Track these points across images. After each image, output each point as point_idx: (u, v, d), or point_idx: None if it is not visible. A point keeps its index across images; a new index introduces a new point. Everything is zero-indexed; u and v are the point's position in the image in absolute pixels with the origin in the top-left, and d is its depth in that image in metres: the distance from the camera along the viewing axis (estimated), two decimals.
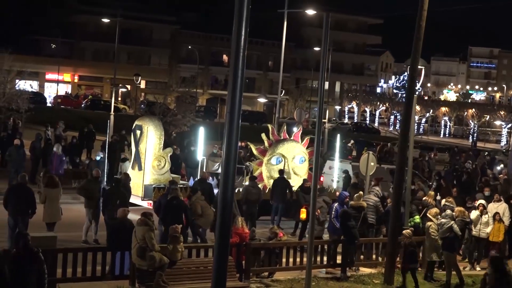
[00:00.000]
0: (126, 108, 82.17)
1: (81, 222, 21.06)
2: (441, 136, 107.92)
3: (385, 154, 44.38)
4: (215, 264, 7.26)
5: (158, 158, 25.27)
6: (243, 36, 7.44)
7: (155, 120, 27.09)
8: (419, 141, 69.36)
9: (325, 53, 15.47)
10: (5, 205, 19.43)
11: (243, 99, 7.59)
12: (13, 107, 37.64)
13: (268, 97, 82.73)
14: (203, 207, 20.26)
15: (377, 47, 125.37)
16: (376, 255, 21.04)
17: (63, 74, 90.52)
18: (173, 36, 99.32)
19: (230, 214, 7.33)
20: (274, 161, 26.86)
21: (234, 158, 7.34)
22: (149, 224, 15.42)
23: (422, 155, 46.26)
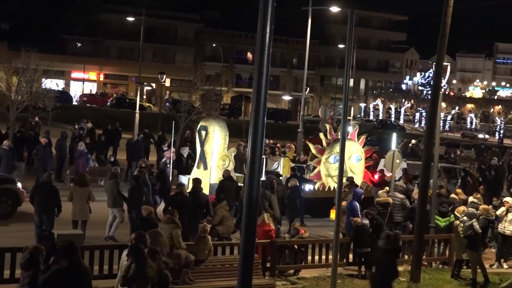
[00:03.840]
0: (151, 106, 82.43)
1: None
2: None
3: (410, 151, 44.21)
4: (240, 261, 7.27)
5: (222, 158, 25.87)
6: (268, 34, 7.43)
7: (220, 121, 27.94)
8: (444, 138, 69.00)
9: (350, 50, 15.41)
10: (31, 203, 19.59)
11: (268, 96, 7.58)
12: (40, 105, 37.87)
13: (293, 94, 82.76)
14: (224, 217, 20.26)
15: (402, 44, 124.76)
16: (402, 252, 20.93)
17: (89, 72, 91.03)
18: (197, 34, 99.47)
19: (255, 212, 7.33)
20: (332, 159, 27.00)
21: (260, 156, 7.33)
22: (175, 222, 15.46)
23: (448, 152, 46.01)
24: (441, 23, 18.91)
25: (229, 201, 21.36)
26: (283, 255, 18.23)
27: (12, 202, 22.80)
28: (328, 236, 21.00)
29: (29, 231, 19.19)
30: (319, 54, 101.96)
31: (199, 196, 20.38)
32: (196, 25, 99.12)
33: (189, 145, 33.44)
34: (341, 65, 21.61)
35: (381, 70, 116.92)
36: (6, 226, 21.51)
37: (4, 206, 22.83)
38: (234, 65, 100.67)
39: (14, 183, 23.42)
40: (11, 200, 22.83)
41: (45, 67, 41.12)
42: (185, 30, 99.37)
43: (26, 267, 10.98)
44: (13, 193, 22.95)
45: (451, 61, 25.91)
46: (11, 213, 22.74)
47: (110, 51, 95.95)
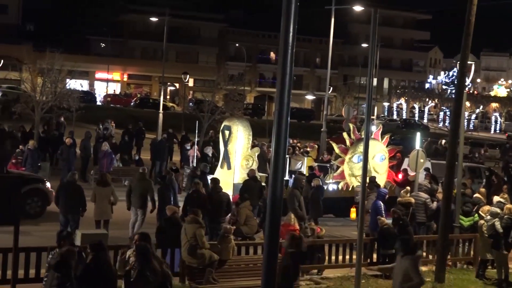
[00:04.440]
0: (174, 106, 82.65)
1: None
2: (491, 132, 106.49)
3: (434, 151, 44.01)
4: (264, 261, 7.27)
5: (246, 158, 25.98)
6: (291, 33, 7.42)
7: (244, 121, 28.06)
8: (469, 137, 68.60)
9: (373, 49, 15.37)
10: (56, 203, 19.72)
11: (291, 96, 7.58)
12: (64, 106, 38.11)
13: (316, 94, 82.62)
14: (248, 216, 20.28)
15: (425, 43, 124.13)
16: (426, 252, 20.84)
17: (113, 73, 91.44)
18: (221, 34, 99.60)
19: (279, 211, 7.33)
20: (356, 159, 26.99)
21: (283, 155, 7.33)
22: (199, 222, 15.50)
23: (472, 152, 45.75)
24: (465, 21, 18.79)
25: (253, 201, 21.37)
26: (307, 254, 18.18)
27: (41, 202, 22.99)
28: (351, 236, 20.98)
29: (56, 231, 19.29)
30: (342, 53, 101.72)
31: (219, 195, 20.43)
32: (219, 25, 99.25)
33: (213, 145, 33.52)
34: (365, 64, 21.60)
35: (404, 69, 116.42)
36: (36, 225, 21.62)
37: (34, 206, 23.05)
38: (257, 64, 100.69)
39: (43, 183, 23.63)
40: (40, 200, 23.02)
41: (69, 68, 41.40)
42: (208, 30, 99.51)
43: (57, 268, 11.03)
44: (42, 193, 23.15)
45: (476, 60, 25.83)
46: (40, 213, 22.93)
47: (133, 52, 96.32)
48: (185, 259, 15.53)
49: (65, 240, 12.35)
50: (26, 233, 19.84)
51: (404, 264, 12.55)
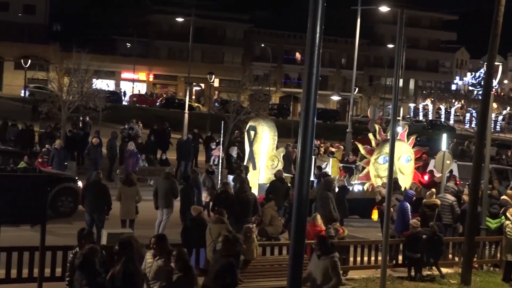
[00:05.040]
0: (200, 106, 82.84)
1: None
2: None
3: (461, 152, 43.73)
4: (290, 262, 7.27)
5: (271, 158, 25.98)
6: (318, 34, 7.41)
7: (269, 121, 28.10)
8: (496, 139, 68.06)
9: (400, 50, 15.31)
10: (82, 202, 19.82)
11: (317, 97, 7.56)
12: (91, 105, 38.33)
13: (342, 94, 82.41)
14: (273, 216, 20.27)
15: (452, 44, 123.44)
16: (452, 254, 20.72)
17: (139, 73, 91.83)
18: (246, 34, 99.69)
19: (305, 212, 7.32)
20: (382, 160, 26.88)
21: (310, 156, 7.33)
22: (224, 222, 15.50)
23: (499, 153, 45.39)
24: (492, 22, 18.67)
25: (279, 201, 21.36)
26: None
27: (73, 200, 23.13)
28: (377, 237, 20.90)
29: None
30: (368, 54, 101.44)
31: (246, 195, 20.43)
32: (245, 25, 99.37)
33: (238, 145, 33.55)
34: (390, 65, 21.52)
35: (431, 70, 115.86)
36: (69, 224, 21.71)
37: (66, 204, 23.23)
38: (283, 65, 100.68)
39: (75, 182, 23.78)
40: (72, 199, 23.16)
41: (96, 68, 41.64)
42: (234, 30, 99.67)
43: (82, 268, 11.09)
44: (74, 192, 23.28)
45: (503, 61, 25.56)
46: (72, 212, 23.07)
47: (159, 52, 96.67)
48: (210, 259, 15.53)
49: (85, 239, 12.42)
50: (55, 232, 20.01)
51: (324, 264, 12.38)
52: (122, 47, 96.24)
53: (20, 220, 15.11)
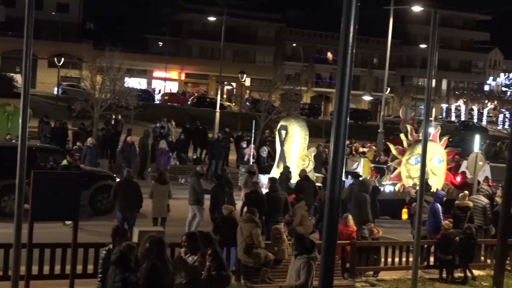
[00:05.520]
0: (231, 105, 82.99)
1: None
2: None
3: (494, 153, 43.37)
4: (322, 262, 7.25)
5: (302, 158, 25.99)
6: (352, 33, 7.38)
7: (301, 120, 28.13)
8: None
9: (433, 50, 15.21)
10: (113, 200, 19.94)
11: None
12: (123, 104, 38.56)
13: (373, 94, 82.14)
14: (303, 216, 20.24)
15: (485, 44, 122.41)
16: (484, 256, 20.56)
17: (170, 71, 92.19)
18: (278, 33, 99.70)
19: (337, 212, 7.30)
20: (413, 161, 26.76)
21: (342, 156, 7.30)
22: (256, 221, 15.52)
23: None
24: None
25: (307, 201, 21.32)
26: (362, 256, 18.12)
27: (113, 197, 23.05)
28: (408, 238, 20.81)
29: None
30: (400, 54, 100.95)
31: (278, 195, 20.43)
32: (276, 25, 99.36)
33: (269, 144, 33.57)
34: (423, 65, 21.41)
35: (463, 70, 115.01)
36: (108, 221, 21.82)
37: (104, 202, 23.37)
38: (314, 64, 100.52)
39: (114, 180, 23.90)
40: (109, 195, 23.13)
41: (128, 66, 41.89)
42: (265, 29, 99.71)
43: (117, 264, 11.16)
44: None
45: None
46: (110, 209, 22.99)
47: (191, 51, 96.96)
48: (240, 258, 15.58)
49: (120, 237, 12.49)
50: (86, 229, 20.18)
51: (298, 264, 12.23)
52: (154, 46, 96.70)
53: (54, 217, 15.25)
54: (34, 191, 13.25)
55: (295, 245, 12.54)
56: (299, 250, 12.35)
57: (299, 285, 12.11)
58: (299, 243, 12.48)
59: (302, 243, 12.47)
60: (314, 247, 12.73)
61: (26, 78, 11.71)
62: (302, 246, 12.39)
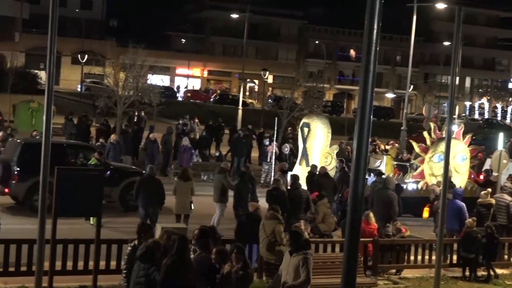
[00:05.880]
0: (253, 102, 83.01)
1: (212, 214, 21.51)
2: None
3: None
4: (345, 259, 7.23)
5: (325, 155, 25.89)
6: (376, 30, 7.35)
7: (323, 118, 28.10)
8: None
9: (457, 47, 15.12)
10: (136, 196, 20.01)
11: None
12: (146, 101, 38.68)
13: (396, 92, 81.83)
14: (326, 214, 20.22)
15: (509, 41, 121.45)
16: (508, 255, 20.44)
17: (193, 68, 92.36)
18: (300, 31, 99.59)
19: (361, 210, 7.28)
20: (436, 159, 26.62)
21: (365, 154, 7.28)
22: (279, 218, 15.51)
23: None
24: None
25: (328, 198, 21.29)
26: (385, 254, 18.07)
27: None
28: (431, 236, 20.72)
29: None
30: (424, 51, 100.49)
31: (299, 192, 20.42)
32: (299, 22, 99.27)
33: (291, 141, 33.54)
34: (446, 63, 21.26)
35: (487, 68, 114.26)
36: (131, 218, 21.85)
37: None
38: (337, 62, 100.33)
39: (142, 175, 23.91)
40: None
41: (151, 63, 42.00)
42: (288, 27, 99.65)
43: (143, 260, 11.21)
44: None
45: None
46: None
47: (214, 48, 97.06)
48: (263, 255, 15.58)
49: (145, 233, 12.54)
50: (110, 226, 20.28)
51: (295, 261, 12.00)
52: (177, 43, 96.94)
53: (77, 213, 15.36)
54: (57, 187, 13.34)
55: (290, 241, 12.36)
56: (294, 246, 12.17)
57: (303, 282, 11.96)
58: (294, 240, 12.29)
59: (298, 240, 12.32)
60: (308, 245, 12.67)
61: (50, 75, 11.78)
62: (297, 243, 12.24)
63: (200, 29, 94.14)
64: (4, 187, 22.77)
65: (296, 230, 13.61)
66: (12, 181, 22.52)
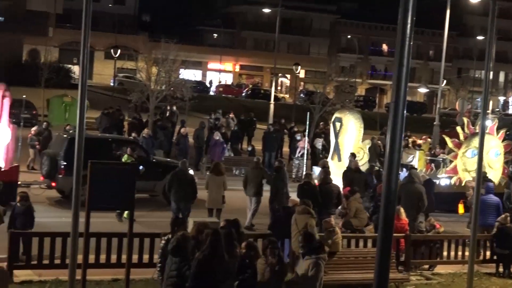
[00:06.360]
0: (285, 97, 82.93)
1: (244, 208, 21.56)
2: None
3: None
4: (378, 255, 7.20)
5: (357, 150, 25.81)
6: (409, 25, 7.31)
7: (356, 112, 28.05)
8: None
9: (491, 41, 14.99)
10: (168, 190, 20.09)
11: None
12: (178, 95, 38.82)
13: (429, 87, 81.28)
14: (358, 209, 20.15)
15: None
16: None
17: (225, 63, 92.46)
18: (332, 25, 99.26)
19: (394, 205, 7.26)
20: (470, 154, 26.41)
21: (399, 148, 7.24)
22: (311, 212, 15.48)
23: None
24: None
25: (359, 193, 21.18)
26: (417, 249, 17.98)
27: None
28: (464, 232, 20.58)
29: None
30: (457, 45, 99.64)
31: (330, 187, 20.38)
32: (331, 17, 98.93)
33: (323, 136, 33.46)
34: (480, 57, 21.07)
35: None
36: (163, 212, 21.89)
37: None
38: (369, 56, 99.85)
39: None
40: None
41: (183, 58, 42.12)
42: (320, 21, 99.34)
43: (174, 253, 11.27)
44: None
45: None
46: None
47: (246, 42, 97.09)
48: (295, 250, 15.56)
49: (178, 227, 12.62)
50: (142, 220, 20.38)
51: (306, 265, 11.87)
52: (209, 38, 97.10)
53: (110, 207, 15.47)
54: (91, 180, 13.44)
55: (302, 243, 12.21)
56: (306, 249, 12.04)
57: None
58: (307, 242, 12.17)
59: (310, 243, 12.19)
60: (322, 248, 12.48)
61: (84, 69, 11.87)
62: (309, 246, 12.10)
63: (232, 24, 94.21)
64: (51, 181, 23.19)
65: (309, 232, 13.51)
66: (59, 175, 22.89)
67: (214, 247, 11.01)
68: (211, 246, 10.99)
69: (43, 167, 23.90)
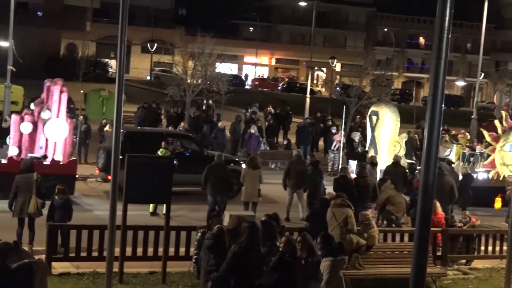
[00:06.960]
0: (321, 91, 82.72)
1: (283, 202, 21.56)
2: None
3: None
4: (415, 249, 7.18)
5: (393, 143, 25.71)
6: (448, 17, 7.26)
7: (392, 106, 27.97)
8: None
9: None
10: (204, 184, 20.14)
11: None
12: (214, 89, 38.93)
13: (466, 80, 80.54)
14: (391, 196, 20.05)
15: None
16: None
17: (261, 57, 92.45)
18: (369, 18, 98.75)
19: (432, 199, 7.22)
20: (508, 147, 26.12)
21: (437, 142, 7.20)
22: (349, 205, 15.40)
23: None
24: None
25: (396, 187, 21.10)
26: (454, 244, 17.84)
27: (237, 182, 21.68)
28: (501, 227, 20.39)
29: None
30: (495, 38, 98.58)
31: (366, 181, 20.32)
32: (367, 10, 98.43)
33: (360, 130, 33.35)
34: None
35: None
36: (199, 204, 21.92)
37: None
38: (406, 49, 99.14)
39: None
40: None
41: (219, 52, 42.22)
42: (356, 14, 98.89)
43: (212, 249, 11.32)
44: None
45: None
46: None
47: (281, 36, 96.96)
48: None
49: (213, 220, 12.65)
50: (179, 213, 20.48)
51: (322, 267, 11.60)
52: (245, 31, 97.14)
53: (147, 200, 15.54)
54: (128, 174, 13.53)
55: (320, 245, 12.00)
56: (324, 251, 11.86)
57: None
58: (325, 244, 12.00)
59: (328, 244, 12.04)
60: (341, 250, 12.35)
61: (121, 63, 11.95)
62: (327, 247, 11.95)
63: (267, 17, 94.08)
64: (107, 174, 23.34)
65: (327, 234, 13.37)
66: None
67: (251, 241, 11.03)
68: (248, 239, 11.01)
69: (99, 160, 24.21)
